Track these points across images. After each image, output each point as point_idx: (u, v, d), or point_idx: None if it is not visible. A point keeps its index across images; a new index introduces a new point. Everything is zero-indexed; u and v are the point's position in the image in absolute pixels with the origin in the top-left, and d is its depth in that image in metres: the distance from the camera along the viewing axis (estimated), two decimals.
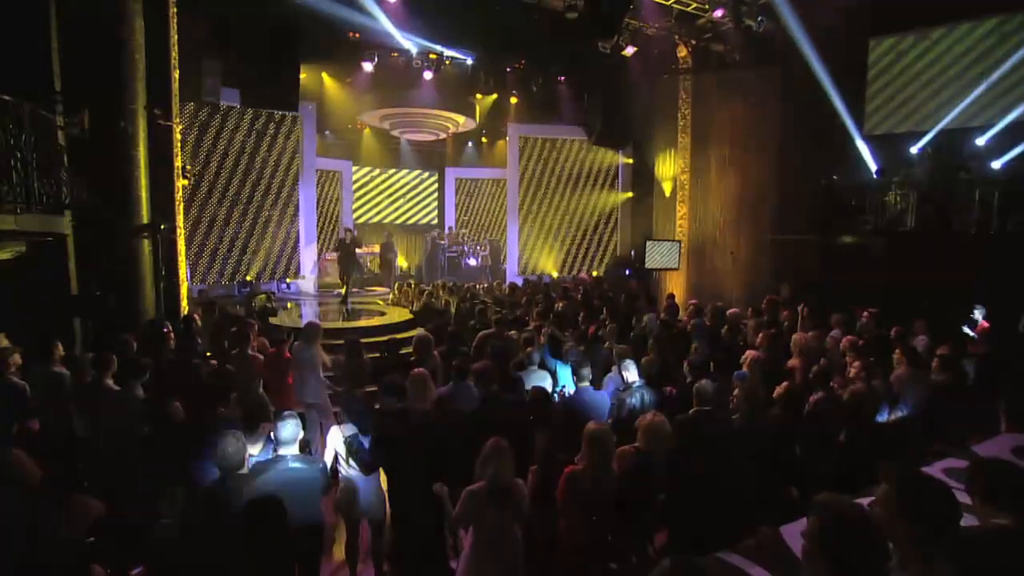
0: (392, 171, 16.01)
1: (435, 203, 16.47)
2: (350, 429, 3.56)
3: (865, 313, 6.31)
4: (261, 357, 5.43)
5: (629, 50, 10.25)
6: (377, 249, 14.40)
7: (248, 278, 11.84)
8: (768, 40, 9.50)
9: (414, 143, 15.37)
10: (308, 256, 12.88)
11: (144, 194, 6.83)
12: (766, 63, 10.04)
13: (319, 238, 13.27)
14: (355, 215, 15.23)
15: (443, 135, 14.00)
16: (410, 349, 5.37)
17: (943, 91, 8.96)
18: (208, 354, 5.94)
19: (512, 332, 6.00)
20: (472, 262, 14.69)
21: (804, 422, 3.76)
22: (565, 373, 4.92)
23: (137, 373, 3.81)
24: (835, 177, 9.86)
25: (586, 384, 4.23)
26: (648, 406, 3.98)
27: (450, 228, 15.36)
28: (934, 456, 3.75)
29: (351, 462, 3.51)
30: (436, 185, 16.38)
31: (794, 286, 8.23)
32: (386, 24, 10.10)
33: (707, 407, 3.50)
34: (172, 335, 5.20)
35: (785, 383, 3.84)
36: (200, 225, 11.47)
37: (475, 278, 13.84)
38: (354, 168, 15.12)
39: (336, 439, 3.58)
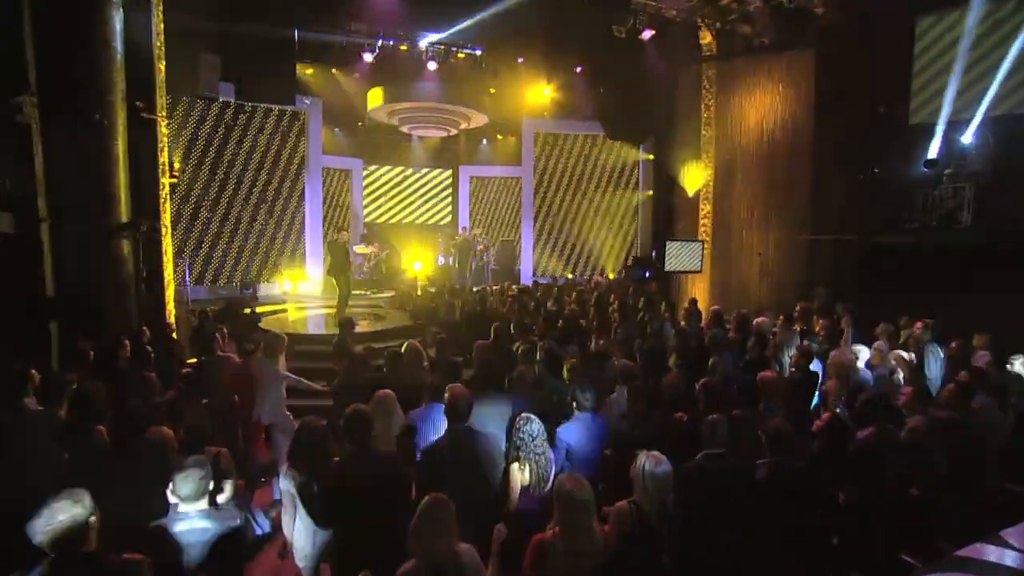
0: (409, 169, 15.46)
1: (449, 202, 15.92)
2: (302, 472, 2.94)
3: (917, 324, 5.47)
4: (232, 361, 4.95)
5: (646, 34, 9.52)
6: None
7: (250, 279, 11.52)
8: (801, 21, 8.63)
9: (426, 140, 14.86)
10: (314, 257, 12.50)
11: (123, 191, 6.45)
12: (798, 47, 9.16)
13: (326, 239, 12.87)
14: (366, 215, 14.81)
15: (454, 131, 13.46)
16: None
17: (1011, 72, 7.77)
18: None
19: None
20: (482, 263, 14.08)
21: (850, 463, 3.04)
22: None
23: (57, 392, 3.32)
24: (876, 170, 8.91)
25: (586, 411, 3.53)
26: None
27: (464, 228, 14.79)
28: (1016, 507, 3.00)
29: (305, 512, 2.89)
30: (450, 183, 15.83)
31: (830, 291, 7.40)
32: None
33: (719, 450, 2.77)
34: (128, 346, 4.71)
35: (826, 415, 3.13)
36: (211, 225, 11.21)
37: (486, 280, 13.27)
38: (365, 170, 14.67)
39: (288, 483, 2.91)
